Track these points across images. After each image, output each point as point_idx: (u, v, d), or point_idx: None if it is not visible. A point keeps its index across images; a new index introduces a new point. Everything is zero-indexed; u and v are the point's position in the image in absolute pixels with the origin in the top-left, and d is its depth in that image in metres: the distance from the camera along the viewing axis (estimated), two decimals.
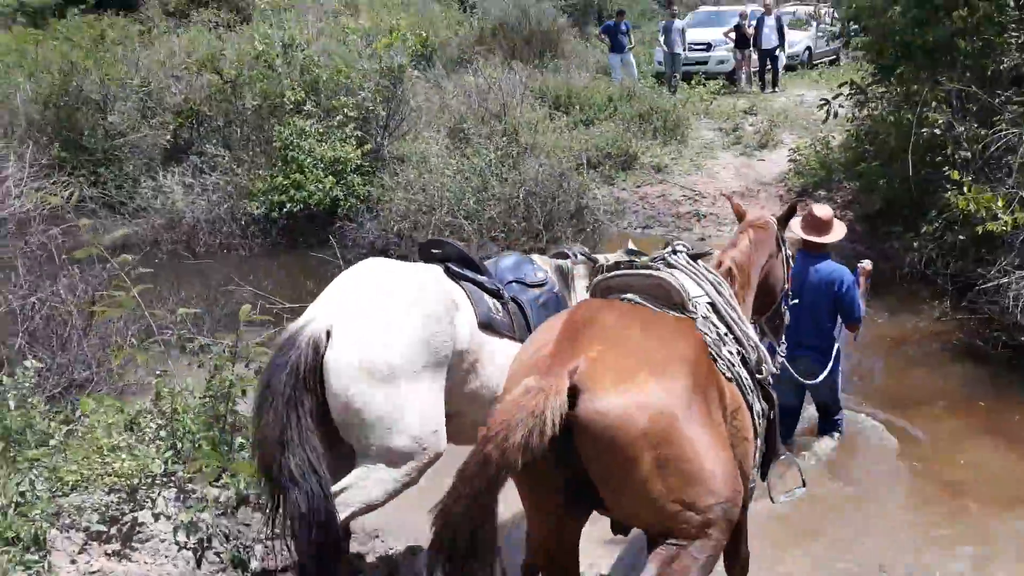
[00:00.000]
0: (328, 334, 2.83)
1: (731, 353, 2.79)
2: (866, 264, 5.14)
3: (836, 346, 4.87)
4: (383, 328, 2.90)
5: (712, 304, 2.92)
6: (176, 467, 3.42)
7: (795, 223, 4.62)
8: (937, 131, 7.44)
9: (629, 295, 2.85)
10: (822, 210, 4.94)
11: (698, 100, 14.56)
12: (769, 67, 16.87)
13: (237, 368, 3.83)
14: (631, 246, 3.95)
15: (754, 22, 16.70)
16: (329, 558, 2.79)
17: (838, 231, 4.86)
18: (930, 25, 7.63)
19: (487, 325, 3.27)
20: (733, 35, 17.03)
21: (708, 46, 17.76)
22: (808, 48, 20.13)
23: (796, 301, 4.12)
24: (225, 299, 7.10)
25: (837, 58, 22.23)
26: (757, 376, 2.92)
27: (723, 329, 2.86)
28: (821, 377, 4.61)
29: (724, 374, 2.66)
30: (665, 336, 2.53)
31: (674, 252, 3.11)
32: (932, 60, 7.78)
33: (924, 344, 6.69)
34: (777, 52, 16.66)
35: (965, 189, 6.65)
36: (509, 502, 2.61)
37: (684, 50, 16.60)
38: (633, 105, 13.46)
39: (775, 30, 16.37)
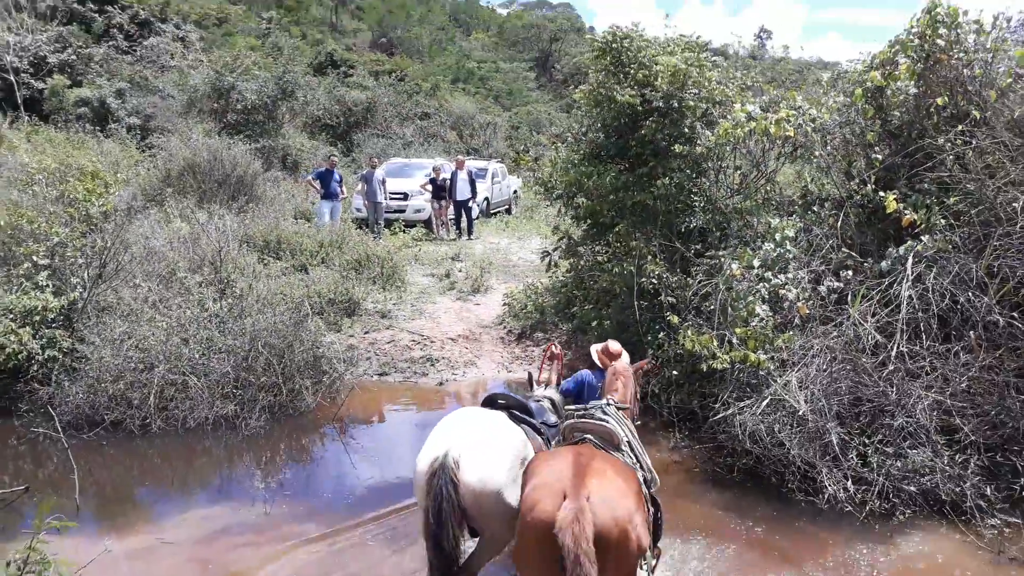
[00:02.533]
0: (457, 463, 4.29)
1: (641, 477, 4.41)
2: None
3: None
4: (493, 464, 4.44)
5: (629, 442, 4.58)
6: None
7: (594, 353, 6.25)
8: (654, 280, 8.49)
9: (589, 436, 4.50)
10: (615, 346, 6.23)
11: (404, 248, 15.06)
12: (464, 217, 18.09)
13: None
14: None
15: (447, 175, 17.93)
16: None
17: (625, 357, 6.14)
18: (637, 190, 8.83)
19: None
20: (429, 186, 18.08)
21: (405, 195, 18.64)
22: (487, 199, 21.98)
23: None
24: None
25: (510, 208, 24.62)
26: (651, 490, 4.52)
27: (634, 459, 4.51)
28: None
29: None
30: (625, 476, 4.06)
31: (608, 404, 4.80)
32: (641, 218, 8.97)
33: (672, 474, 7.26)
34: (470, 203, 17.97)
35: (690, 332, 7.58)
36: None
37: (385, 199, 17.20)
38: (345, 252, 13.51)
39: (468, 183, 17.73)
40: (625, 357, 6.06)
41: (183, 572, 5.39)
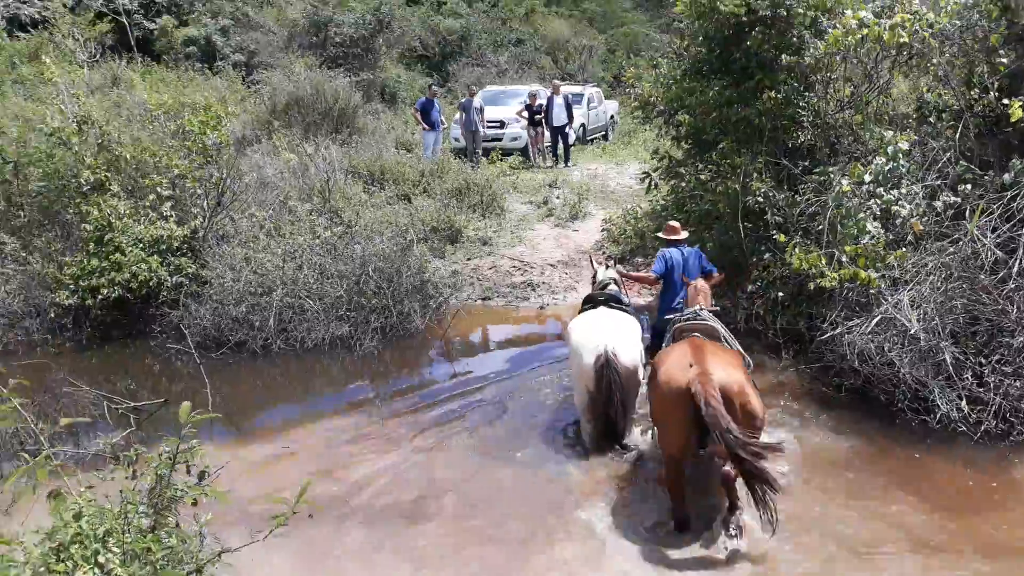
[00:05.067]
0: (615, 353, 6.01)
1: None
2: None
3: None
4: (633, 347, 6.29)
5: (725, 336, 5.89)
6: None
7: (661, 234, 7.53)
8: (760, 199, 8.32)
9: (696, 333, 5.65)
10: (673, 223, 7.45)
11: (502, 176, 15.16)
12: (560, 143, 17.99)
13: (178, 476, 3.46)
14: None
15: (543, 102, 17.80)
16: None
17: (684, 232, 7.40)
18: (742, 105, 8.59)
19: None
20: (526, 114, 18.01)
21: (502, 124, 18.61)
22: (583, 125, 21.67)
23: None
24: (67, 402, 6.21)
25: (606, 134, 24.23)
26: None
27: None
28: None
29: None
30: (733, 355, 5.39)
31: (701, 309, 6.15)
32: (746, 135, 8.74)
33: (778, 396, 7.18)
34: (567, 129, 17.83)
35: (797, 250, 7.41)
36: None
37: (483, 128, 17.26)
38: (446, 181, 13.73)
39: (564, 108, 17.55)
40: (684, 232, 7.43)
41: (308, 476, 5.81)
